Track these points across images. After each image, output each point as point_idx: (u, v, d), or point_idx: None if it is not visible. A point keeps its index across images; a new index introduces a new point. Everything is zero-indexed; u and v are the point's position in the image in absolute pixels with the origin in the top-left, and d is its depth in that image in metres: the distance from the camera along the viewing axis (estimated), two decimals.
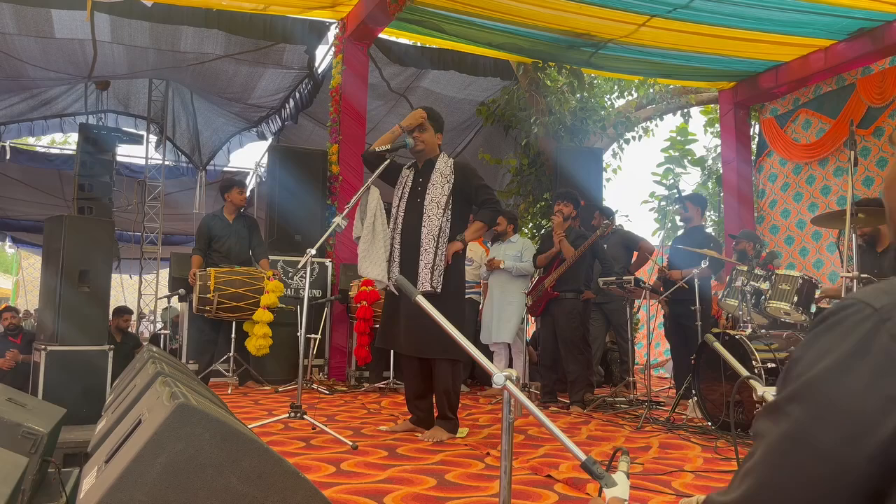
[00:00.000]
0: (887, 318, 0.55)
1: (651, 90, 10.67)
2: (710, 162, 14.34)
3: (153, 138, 10.44)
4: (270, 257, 6.44)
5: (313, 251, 3.59)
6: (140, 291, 11.27)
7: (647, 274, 8.04)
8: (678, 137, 14.56)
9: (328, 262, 6.69)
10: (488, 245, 6.47)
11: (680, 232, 5.93)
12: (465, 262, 4.10)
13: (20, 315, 7.27)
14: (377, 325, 5.96)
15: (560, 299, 5.13)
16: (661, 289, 5.30)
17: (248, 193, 6.08)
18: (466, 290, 4.53)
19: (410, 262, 3.73)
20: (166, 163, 10.58)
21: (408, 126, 3.84)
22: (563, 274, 5.09)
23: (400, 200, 3.88)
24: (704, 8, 6.33)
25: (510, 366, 5.93)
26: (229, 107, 9.67)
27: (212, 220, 6.02)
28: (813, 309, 4.27)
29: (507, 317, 5.74)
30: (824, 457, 0.56)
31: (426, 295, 3.48)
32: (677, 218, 5.95)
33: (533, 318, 5.80)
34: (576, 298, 5.13)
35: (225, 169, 11.26)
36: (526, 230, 8.74)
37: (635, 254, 6.25)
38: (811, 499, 0.56)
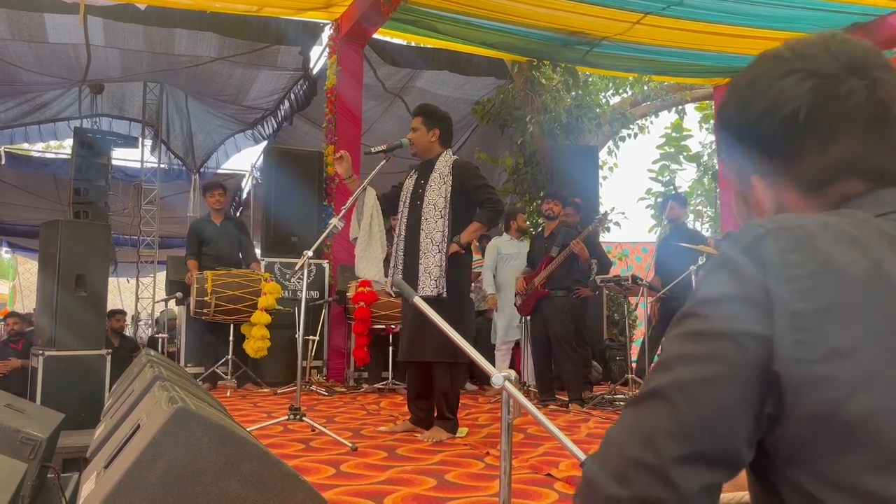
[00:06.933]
0: (772, 230, 0.64)
1: (646, 87, 10.68)
2: (705, 158, 14.36)
3: (148, 142, 10.41)
4: (267, 259, 6.43)
5: (310, 252, 3.58)
6: (137, 295, 11.24)
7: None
8: (673, 134, 14.56)
9: (325, 264, 6.69)
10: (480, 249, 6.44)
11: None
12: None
13: (23, 320, 7.24)
14: (375, 326, 5.99)
15: (550, 297, 5.11)
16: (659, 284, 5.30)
17: (222, 195, 5.99)
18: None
19: (412, 267, 3.69)
20: (162, 166, 10.55)
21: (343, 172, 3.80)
22: (554, 272, 5.09)
23: (404, 205, 3.84)
24: (697, 5, 6.34)
25: (513, 365, 5.92)
26: (224, 109, 9.66)
27: (201, 223, 6.06)
28: None
29: (513, 316, 5.72)
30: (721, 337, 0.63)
31: (430, 300, 3.47)
32: (664, 218, 6.01)
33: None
34: (566, 297, 5.11)
35: (218, 171, 11.23)
36: None
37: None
38: (723, 385, 0.61)
